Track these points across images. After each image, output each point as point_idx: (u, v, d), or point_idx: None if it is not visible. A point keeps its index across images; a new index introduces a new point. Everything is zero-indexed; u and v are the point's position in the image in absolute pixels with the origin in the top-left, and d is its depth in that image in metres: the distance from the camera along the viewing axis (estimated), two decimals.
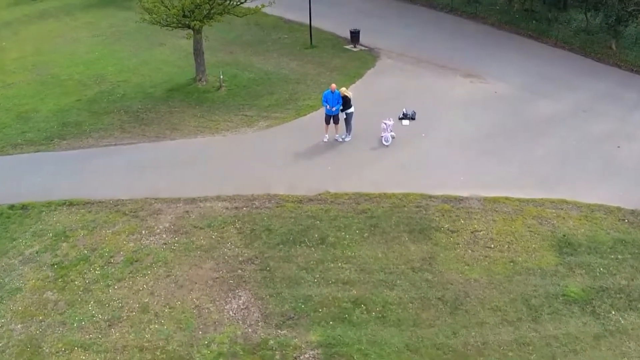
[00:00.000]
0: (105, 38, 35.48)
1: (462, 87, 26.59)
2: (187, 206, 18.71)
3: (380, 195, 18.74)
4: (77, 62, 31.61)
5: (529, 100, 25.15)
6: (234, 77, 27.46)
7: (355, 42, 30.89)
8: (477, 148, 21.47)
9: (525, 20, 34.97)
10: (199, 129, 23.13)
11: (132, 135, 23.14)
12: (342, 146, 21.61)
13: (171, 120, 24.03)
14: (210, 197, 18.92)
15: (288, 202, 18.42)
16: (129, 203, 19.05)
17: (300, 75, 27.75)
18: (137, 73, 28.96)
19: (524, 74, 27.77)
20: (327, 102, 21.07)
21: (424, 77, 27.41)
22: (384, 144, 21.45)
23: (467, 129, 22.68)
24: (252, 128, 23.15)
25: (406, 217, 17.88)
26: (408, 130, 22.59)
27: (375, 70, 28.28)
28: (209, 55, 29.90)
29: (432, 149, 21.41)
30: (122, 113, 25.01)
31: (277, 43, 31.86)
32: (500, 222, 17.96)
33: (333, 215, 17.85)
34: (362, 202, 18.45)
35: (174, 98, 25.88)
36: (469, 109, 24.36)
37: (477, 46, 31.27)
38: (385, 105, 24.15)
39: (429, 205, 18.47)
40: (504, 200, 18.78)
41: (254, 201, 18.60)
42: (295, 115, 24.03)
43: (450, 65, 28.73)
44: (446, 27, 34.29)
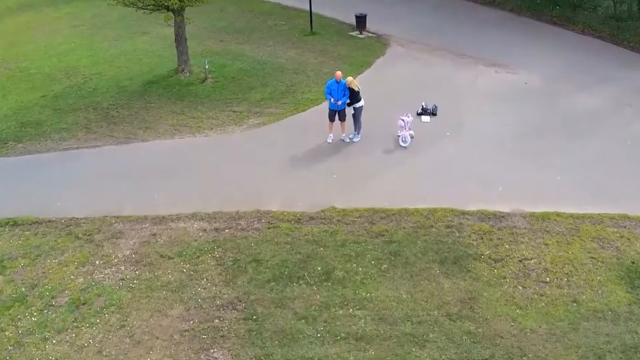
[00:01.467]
0: (86, 28, 30.82)
1: (486, 77, 21.88)
2: (154, 227, 14.06)
3: (400, 211, 14.07)
4: (50, 55, 26.92)
5: (564, 93, 20.44)
6: (222, 67, 22.70)
7: (362, 29, 26.14)
8: (514, 150, 16.82)
9: (548, 6, 30.50)
10: (176, 128, 18.41)
11: (97, 137, 18.45)
12: (350, 148, 16.88)
13: (145, 117, 19.32)
14: (184, 215, 14.26)
15: (283, 222, 13.72)
16: (84, 223, 14.42)
17: (299, 64, 22.97)
18: (113, 65, 24.23)
19: (554, 63, 23.07)
20: (330, 94, 16.48)
21: (442, 67, 22.68)
22: (402, 145, 16.74)
23: (499, 127, 18.02)
24: (241, 126, 18.40)
25: (435, 241, 13.22)
26: (429, 128, 17.89)
27: (385, 59, 23.51)
28: (196, 44, 25.21)
29: (460, 151, 16.72)
30: (90, 110, 20.31)
31: (273, 30, 27.08)
32: (554, 246, 13.31)
33: (341, 239, 13.18)
34: (377, 221, 13.78)
35: (151, 92, 21.13)
36: (498, 103, 19.69)
37: (497, 33, 26.61)
38: (400, 99, 19.48)
39: (463, 224, 13.81)
40: (555, 216, 14.13)
41: (239, 220, 13.92)
42: (293, 110, 19.26)
43: (470, 53, 24.00)
44: (460, 13, 29.58)
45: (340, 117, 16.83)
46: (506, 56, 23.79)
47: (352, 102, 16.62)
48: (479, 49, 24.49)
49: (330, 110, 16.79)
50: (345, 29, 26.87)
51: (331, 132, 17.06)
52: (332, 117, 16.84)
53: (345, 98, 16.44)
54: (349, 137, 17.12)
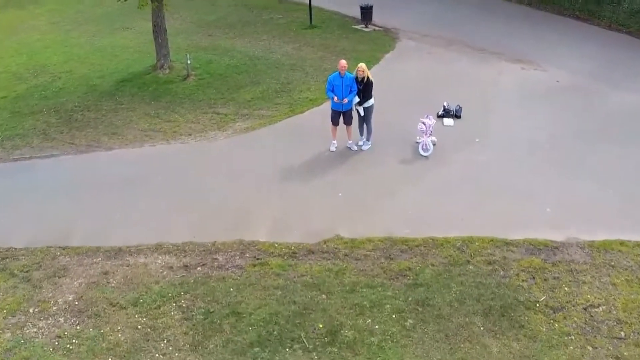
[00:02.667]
0: (65, 24, 27.36)
1: (512, 74, 18.25)
2: (107, 262, 10.44)
3: (426, 242, 10.44)
4: (22, 52, 23.37)
5: (600, 92, 16.82)
6: (208, 63, 19.02)
7: (368, 21, 22.51)
8: (555, 158, 13.22)
9: None
10: (148, 134, 14.74)
11: (55, 144, 14.81)
12: (358, 159, 13.23)
13: (114, 121, 15.66)
14: (145, 247, 10.62)
15: (273, 258, 10.08)
16: (23, 255, 10.83)
17: (297, 60, 19.28)
18: (86, 62, 20.60)
19: (584, 59, 19.45)
20: (333, 91, 12.87)
21: (460, 62, 19.02)
22: (422, 154, 13.12)
23: (534, 130, 14.42)
24: (225, 131, 14.72)
25: (474, 283, 9.61)
26: (453, 132, 14.29)
27: (395, 53, 19.82)
28: (181, 39, 21.67)
29: (493, 161, 13.09)
30: (52, 113, 16.67)
31: (269, 24, 23.42)
32: (623, 286, 9.68)
33: (349, 282, 9.56)
34: (397, 255, 10.15)
35: (123, 91, 17.45)
36: (529, 103, 16.09)
37: (517, 27, 23.03)
38: (415, 99, 15.92)
39: (508, 259, 10.19)
40: (619, 246, 10.50)
41: (216, 255, 10.29)
42: (288, 112, 15.57)
43: (491, 48, 20.37)
44: (473, 6, 25.96)
45: (346, 120, 13.22)
46: (530, 51, 20.20)
47: (364, 99, 13.04)
48: (499, 43, 20.90)
49: (334, 111, 13.16)
50: (349, 22, 23.24)
51: (335, 139, 13.42)
52: (336, 120, 13.22)
53: (353, 95, 12.83)
54: (356, 145, 13.50)
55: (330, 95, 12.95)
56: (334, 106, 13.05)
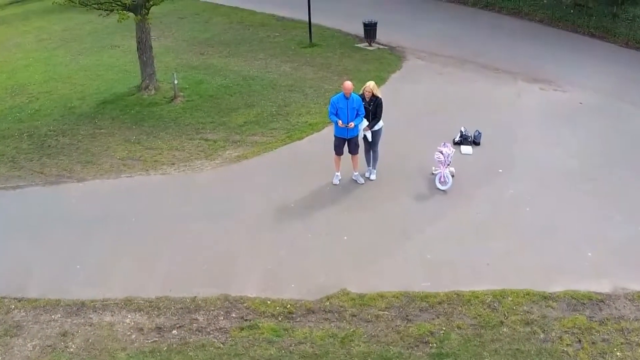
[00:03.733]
0: (51, 42, 25.89)
1: (531, 95, 16.60)
2: (68, 320, 8.65)
3: (450, 297, 8.65)
4: (2, 70, 21.84)
5: (629, 114, 15.22)
6: (198, 83, 17.33)
7: (371, 39, 20.88)
8: (591, 192, 11.47)
9: (582, 16, 25.56)
10: (126, 163, 12.95)
11: (23, 174, 13.04)
12: (367, 194, 11.44)
13: (90, 148, 13.89)
14: (113, 302, 8.83)
15: (264, 319, 8.26)
16: None
17: (295, 80, 17.57)
18: (68, 82, 18.94)
19: (605, 79, 17.85)
20: (337, 114, 11.11)
21: (475, 83, 17.36)
22: (439, 187, 11.34)
23: (563, 160, 12.70)
24: (214, 160, 12.92)
25: (511, 351, 7.81)
26: (473, 162, 12.56)
27: (402, 73, 18.14)
28: (171, 58, 20.05)
29: (521, 195, 11.32)
30: (24, 138, 14.94)
31: (265, 42, 21.80)
32: None
33: (358, 352, 7.72)
34: (415, 315, 8.35)
35: (104, 114, 15.72)
36: (554, 128, 14.40)
37: (530, 45, 21.48)
38: (427, 123, 14.27)
39: (548, 318, 8.39)
40: None
41: (195, 314, 8.47)
42: (285, 138, 13.80)
43: (505, 67, 18.76)
44: (484, 23, 24.49)
45: (352, 149, 11.44)
46: (547, 71, 18.60)
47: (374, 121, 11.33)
48: (514, 62, 19.31)
49: (337, 138, 11.38)
50: (351, 40, 21.60)
51: (339, 170, 11.65)
52: (341, 149, 11.44)
53: (360, 119, 11.09)
54: (364, 176, 11.78)
55: (333, 119, 11.16)
56: (338, 132, 11.28)
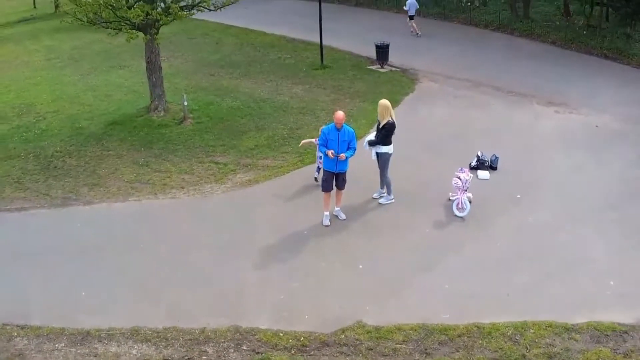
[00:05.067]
0: (59, 61, 26.05)
1: (547, 119, 16.38)
2: (72, 350, 8.36)
3: (470, 330, 8.31)
4: (10, 89, 21.86)
5: None
6: (208, 105, 17.20)
7: (383, 61, 20.79)
8: (613, 219, 11.15)
9: (595, 38, 25.46)
10: (134, 186, 12.74)
11: (28, 195, 12.87)
12: (381, 221, 11.14)
13: (97, 170, 13.72)
14: (119, 332, 8.54)
15: (277, 352, 7.93)
16: None
17: (307, 102, 17.41)
18: (76, 101, 18.89)
19: (623, 101, 17.63)
20: (327, 146, 10.67)
21: (491, 106, 17.16)
22: (457, 214, 11.06)
23: (583, 186, 12.40)
24: (224, 184, 12.70)
25: None
26: (490, 187, 12.28)
27: (416, 96, 17.97)
28: (180, 79, 20.02)
29: (541, 222, 11.00)
30: (30, 158, 14.81)
31: (276, 64, 21.75)
32: None
33: None
34: (434, 349, 8.00)
35: (112, 135, 15.59)
36: (572, 151, 14.12)
37: (544, 67, 21.37)
38: (443, 147, 14.04)
39: (572, 350, 8.05)
40: None
41: (204, 346, 8.15)
42: (297, 162, 13.61)
43: (520, 90, 18.59)
44: (497, 45, 24.44)
45: (339, 184, 10.93)
46: (562, 93, 18.42)
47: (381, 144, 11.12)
48: (528, 84, 19.16)
49: (326, 172, 10.88)
50: (363, 63, 21.53)
51: (328, 210, 11.05)
52: (329, 185, 10.88)
53: (352, 152, 10.67)
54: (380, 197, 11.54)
55: (322, 150, 10.73)
56: (327, 166, 10.78)
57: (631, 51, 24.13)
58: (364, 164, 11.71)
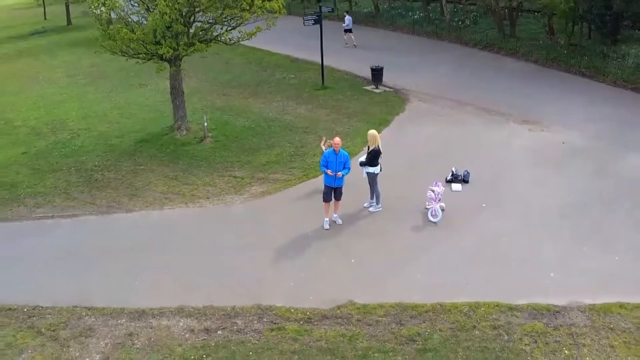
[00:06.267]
0: (81, 78, 29.06)
1: (520, 136, 19.43)
2: (132, 324, 11.41)
3: (435, 308, 11.39)
4: (39, 106, 24.94)
5: (612, 154, 17.84)
6: (224, 124, 20.39)
7: (378, 82, 23.96)
8: (564, 225, 14.15)
9: (575, 56, 28.39)
10: (167, 197, 15.92)
11: (76, 204, 15.99)
12: (370, 225, 14.31)
13: (133, 182, 16.87)
14: (168, 310, 11.62)
15: (289, 323, 11.04)
16: (50, 314, 11.82)
17: (310, 122, 20.61)
18: (104, 119, 22.02)
19: (590, 118, 20.63)
20: (327, 167, 13.74)
21: (471, 125, 20.26)
22: (431, 220, 14.18)
23: (543, 197, 15.41)
24: (242, 195, 15.90)
25: (480, 348, 10.47)
26: (461, 198, 15.37)
27: (405, 116, 21.13)
28: (197, 99, 23.10)
29: (501, 227, 14.09)
30: (72, 172, 17.93)
31: (282, 84, 24.90)
32: (622, 348, 10.49)
33: (362, 347, 10.46)
34: (406, 321, 11.09)
35: (142, 152, 18.76)
36: (538, 167, 17.13)
37: (524, 86, 24.40)
38: (425, 163, 17.09)
39: (512, 324, 11.08)
40: (619, 309, 11.33)
41: (235, 319, 11.26)
42: (302, 176, 16.80)
43: (500, 109, 21.66)
44: (484, 64, 27.50)
45: (337, 195, 14.05)
46: (537, 112, 21.47)
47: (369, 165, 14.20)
48: (508, 103, 22.19)
49: (327, 187, 13.88)
50: (360, 83, 24.67)
51: (328, 216, 14.17)
52: (329, 196, 13.97)
53: (347, 171, 13.77)
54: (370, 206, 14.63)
55: (324, 170, 13.77)
56: (327, 182, 13.85)
57: (607, 69, 26.85)
58: (357, 180, 14.80)
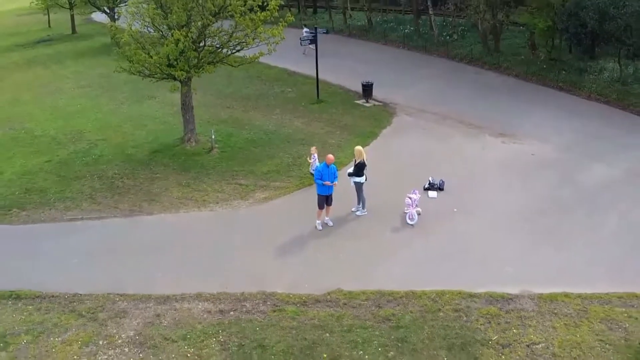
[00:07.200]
0: (92, 89, 31.84)
1: (494, 148, 22.37)
2: (159, 307, 14.27)
3: (408, 294, 14.27)
4: (56, 116, 27.74)
5: (576, 164, 20.81)
6: (229, 136, 23.29)
7: (368, 97, 26.89)
8: (524, 227, 17.04)
9: (554, 71, 31.33)
10: (182, 202, 18.81)
11: (102, 208, 18.84)
12: (356, 227, 17.21)
13: (151, 189, 19.76)
14: (188, 295, 14.48)
15: (288, 305, 13.95)
16: (88, 300, 14.64)
17: (306, 135, 23.56)
18: (119, 130, 24.87)
19: (562, 131, 23.59)
20: (321, 179, 16.57)
21: (450, 138, 23.21)
22: (409, 222, 17.08)
23: (508, 203, 18.32)
24: (247, 201, 18.82)
25: (442, 326, 13.37)
26: (436, 204, 18.27)
27: (391, 129, 24.09)
28: (202, 111, 25.94)
29: (468, 229, 17.00)
30: (95, 179, 20.79)
31: (280, 97, 27.83)
32: (562, 329, 13.41)
33: (347, 324, 13.36)
34: (384, 304, 13.98)
35: (156, 161, 21.66)
36: (507, 176, 20.06)
37: (504, 100, 27.32)
38: (407, 172, 19.95)
39: (471, 308, 13.99)
40: (563, 297, 14.26)
41: (244, 302, 14.15)
42: (299, 184, 19.72)
43: (478, 122, 24.61)
44: (468, 79, 30.41)
45: (329, 202, 16.95)
46: (512, 125, 24.35)
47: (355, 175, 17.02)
48: (487, 117, 25.07)
49: (321, 196, 16.70)
50: (352, 97, 27.58)
51: (321, 220, 17.03)
52: (323, 204, 16.81)
53: (336, 180, 16.68)
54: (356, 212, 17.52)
55: (319, 182, 16.59)
56: (322, 192, 16.69)
57: (582, 83, 29.66)
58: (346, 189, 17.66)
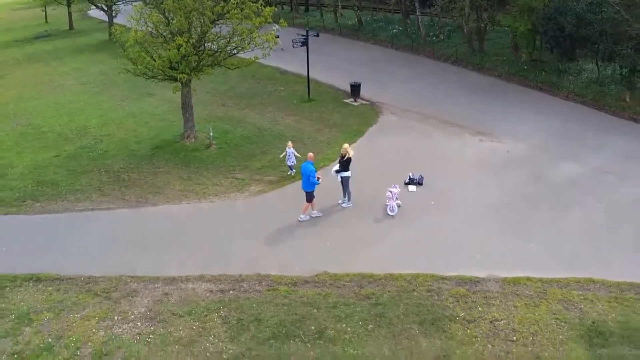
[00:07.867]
0: (93, 86, 33.81)
1: (471, 147, 24.54)
2: (166, 287, 16.42)
3: (386, 276, 16.48)
4: (61, 112, 29.73)
5: (547, 161, 23.01)
6: (225, 133, 25.40)
7: (356, 96, 29.02)
8: (494, 219, 19.26)
9: (534, 71, 33.39)
10: (184, 194, 20.95)
11: (110, 199, 20.95)
12: (342, 218, 19.40)
13: (155, 182, 21.88)
14: (192, 277, 16.65)
15: (281, 285, 16.14)
16: (102, 281, 16.79)
17: (297, 132, 25.71)
18: (122, 127, 26.91)
19: (538, 130, 25.74)
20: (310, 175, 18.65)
21: (431, 136, 25.39)
22: (389, 214, 19.28)
23: (481, 197, 20.54)
24: (243, 193, 20.99)
25: (416, 304, 15.59)
26: (415, 197, 20.47)
27: (377, 127, 26.26)
28: (200, 109, 28.00)
29: (443, 220, 19.21)
30: (102, 172, 22.87)
31: (273, 96, 29.93)
32: (523, 308, 15.66)
33: (332, 302, 15.56)
34: (365, 285, 16.20)
35: (159, 157, 23.77)
36: (482, 173, 22.25)
37: (485, 100, 29.40)
38: (390, 168, 22.09)
39: (442, 288, 16.20)
40: (525, 281, 16.50)
41: (242, 283, 16.32)
42: (291, 179, 21.90)
43: (458, 121, 26.76)
44: (451, 79, 32.52)
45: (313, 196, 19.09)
46: (491, 124, 26.46)
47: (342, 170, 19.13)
48: (467, 116, 27.17)
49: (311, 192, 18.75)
50: (341, 96, 29.69)
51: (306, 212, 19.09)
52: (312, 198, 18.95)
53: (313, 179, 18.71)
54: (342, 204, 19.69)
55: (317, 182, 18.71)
56: (312, 188, 18.77)
57: (561, 84, 31.67)
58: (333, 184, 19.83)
